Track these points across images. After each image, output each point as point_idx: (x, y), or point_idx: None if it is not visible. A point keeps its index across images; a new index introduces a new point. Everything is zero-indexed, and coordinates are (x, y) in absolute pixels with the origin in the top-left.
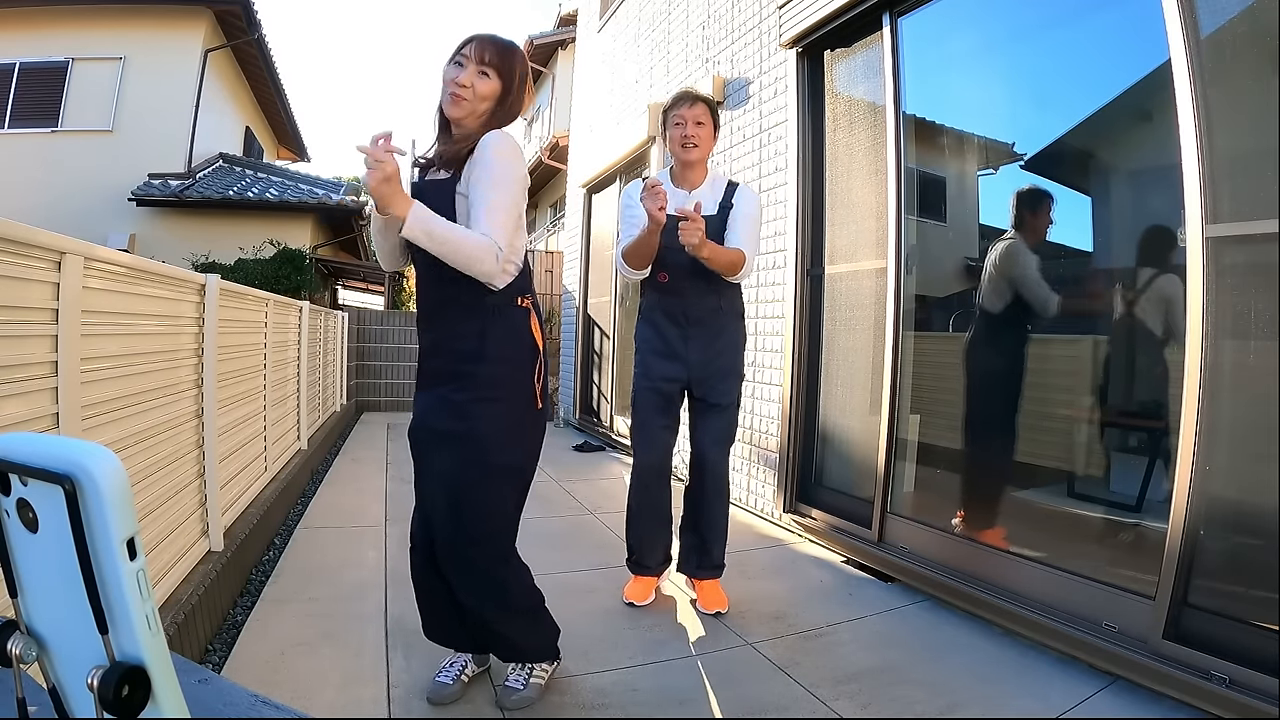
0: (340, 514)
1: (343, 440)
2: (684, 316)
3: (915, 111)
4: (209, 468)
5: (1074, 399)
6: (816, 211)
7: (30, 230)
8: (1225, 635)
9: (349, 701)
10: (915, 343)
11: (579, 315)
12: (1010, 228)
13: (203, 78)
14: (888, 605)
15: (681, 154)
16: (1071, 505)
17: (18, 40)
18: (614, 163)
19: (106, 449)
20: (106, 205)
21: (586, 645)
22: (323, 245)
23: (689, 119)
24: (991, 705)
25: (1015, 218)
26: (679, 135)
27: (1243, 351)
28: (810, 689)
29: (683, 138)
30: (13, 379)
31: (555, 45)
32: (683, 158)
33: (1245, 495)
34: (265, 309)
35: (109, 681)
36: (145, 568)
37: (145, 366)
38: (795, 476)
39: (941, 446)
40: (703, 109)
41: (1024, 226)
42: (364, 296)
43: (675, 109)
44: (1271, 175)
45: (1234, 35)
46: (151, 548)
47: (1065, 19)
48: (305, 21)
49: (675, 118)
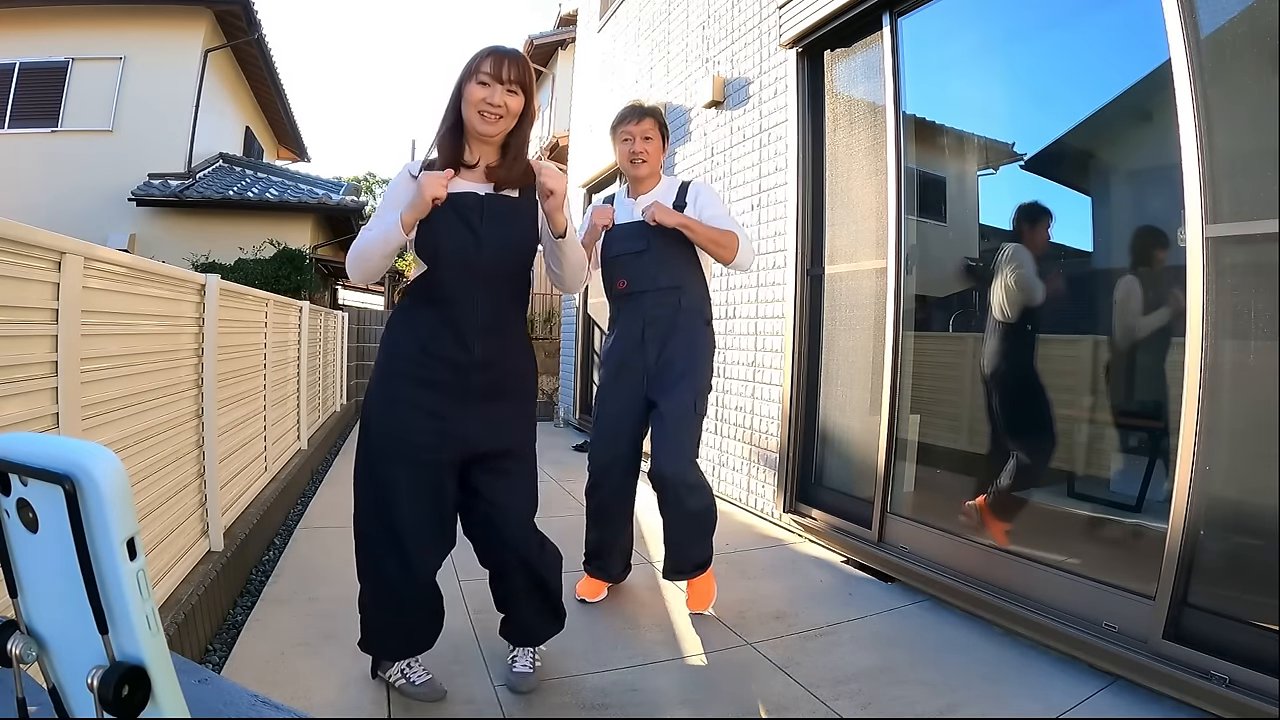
0: (340, 514)
1: (343, 440)
2: (642, 319)
3: (915, 111)
4: (209, 468)
5: (1074, 399)
6: (816, 211)
7: (30, 230)
8: (1225, 635)
9: (349, 701)
10: (915, 342)
11: (579, 315)
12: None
13: (203, 78)
14: (888, 605)
15: (630, 169)
16: (1071, 505)
17: (18, 40)
18: (614, 163)
19: (106, 449)
20: (106, 205)
21: (586, 645)
22: (323, 245)
23: (636, 134)
24: (991, 705)
25: (1014, 232)
26: (627, 151)
27: (1243, 351)
28: (810, 689)
29: (630, 154)
30: (13, 379)
31: (555, 45)
32: (631, 173)
33: (1245, 495)
34: (265, 309)
35: (109, 681)
36: (145, 568)
37: (145, 366)
38: (795, 476)
39: (941, 446)
40: (650, 123)
41: (1022, 239)
42: (364, 296)
43: (623, 125)
44: (1271, 175)
45: (1234, 35)
46: (151, 548)
47: (1065, 19)
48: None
49: (623, 133)
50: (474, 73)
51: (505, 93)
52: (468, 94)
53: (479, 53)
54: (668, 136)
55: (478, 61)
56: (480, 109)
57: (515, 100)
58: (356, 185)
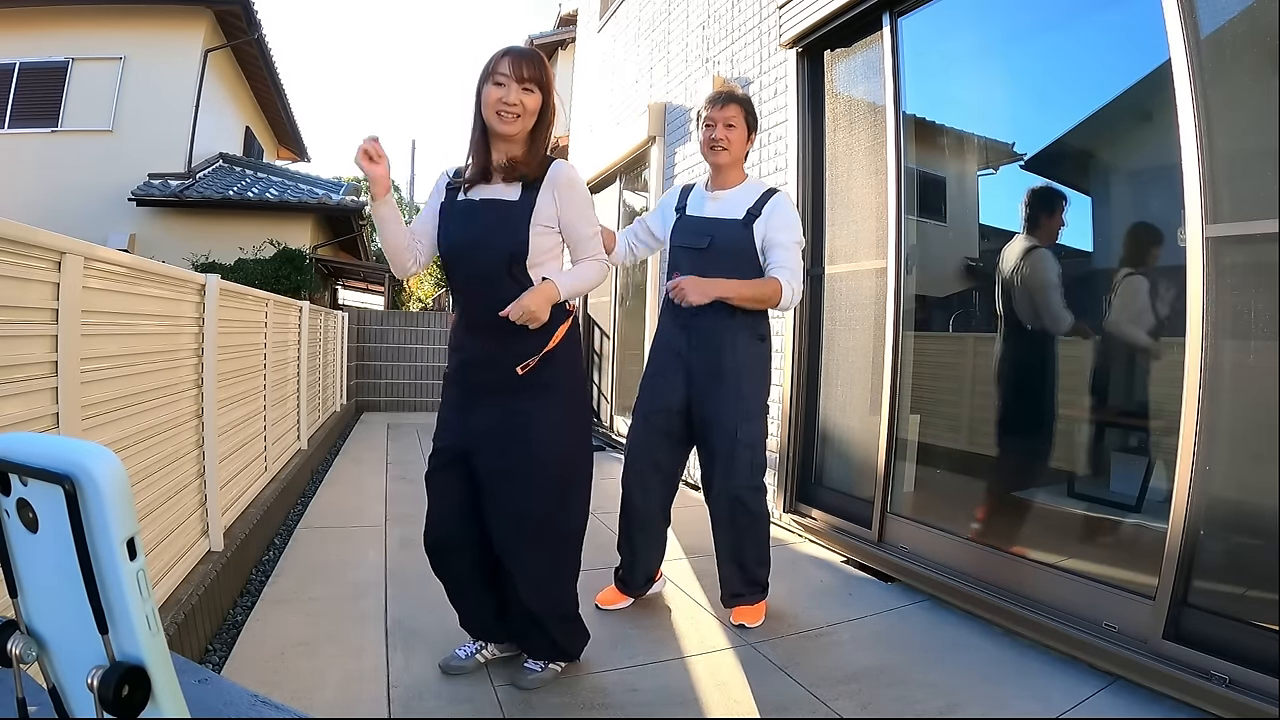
0: (340, 514)
1: (343, 440)
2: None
3: (915, 111)
4: (209, 468)
5: (1074, 398)
6: (816, 211)
7: (30, 230)
8: (1225, 635)
9: (349, 701)
10: (915, 342)
11: (579, 315)
12: (1023, 229)
13: (203, 78)
14: (888, 605)
15: (710, 156)
16: (1071, 505)
17: (18, 40)
18: (614, 163)
19: (106, 449)
20: (106, 205)
21: (587, 645)
22: (323, 245)
23: (719, 120)
24: (991, 705)
25: (1029, 218)
26: (708, 137)
27: (1243, 351)
28: (810, 689)
29: (710, 140)
30: (13, 379)
31: (555, 45)
32: (711, 160)
33: (1245, 495)
34: (265, 309)
35: (109, 681)
36: (145, 568)
37: (145, 366)
38: (795, 476)
39: (941, 446)
40: (735, 110)
41: (1039, 228)
42: (364, 296)
43: (707, 109)
44: (1271, 175)
45: (1234, 35)
46: (151, 548)
47: (1065, 19)
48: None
49: (706, 119)
50: (490, 75)
51: (521, 91)
52: (485, 96)
53: (494, 54)
54: (755, 128)
55: (493, 63)
56: (498, 109)
57: (532, 98)
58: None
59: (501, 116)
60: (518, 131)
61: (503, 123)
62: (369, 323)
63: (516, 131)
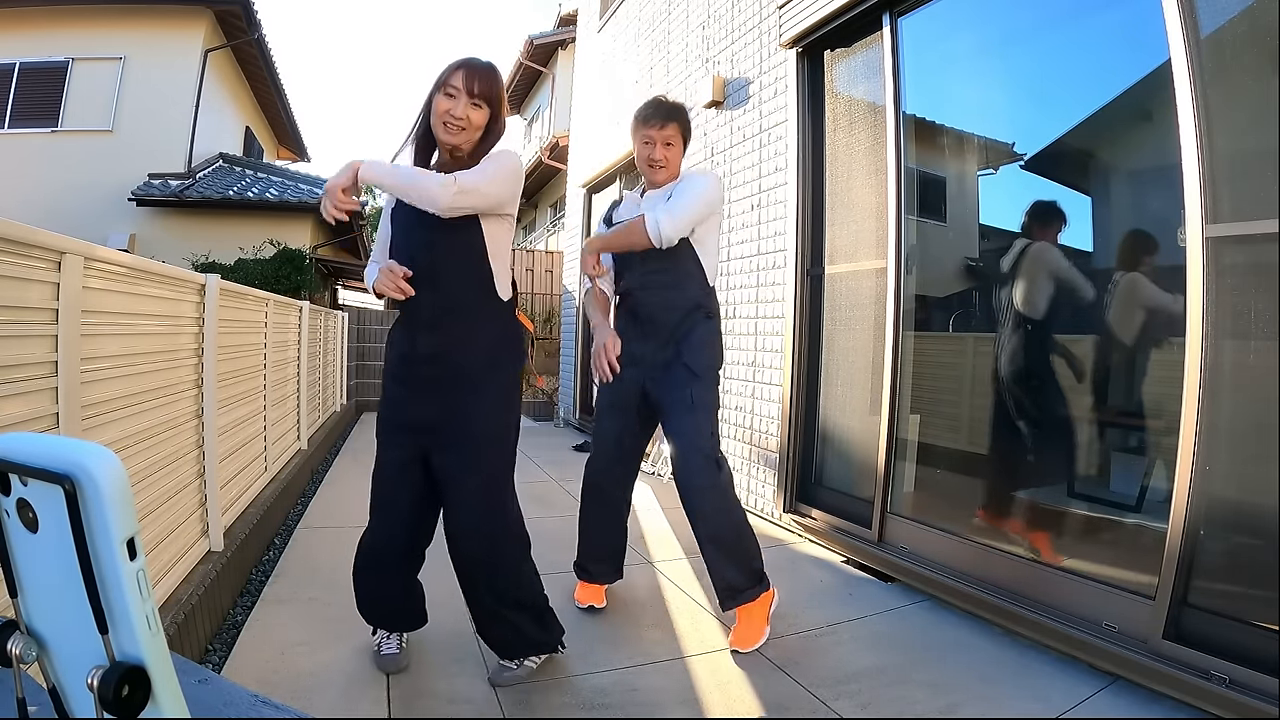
0: (340, 514)
1: (343, 440)
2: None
3: (915, 111)
4: (209, 468)
5: (1074, 398)
6: (816, 211)
7: (30, 230)
8: (1225, 635)
9: (349, 701)
10: (915, 342)
11: (579, 315)
12: (1023, 235)
13: (203, 78)
14: (888, 605)
15: (648, 173)
16: (1071, 505)
17: (18, 40)
18: (614, 163)
19: (106, 449)
20: (106, 205)
21: (586, 645)
22: (323, 245)
23: (658, 140)
24: (991, 705)
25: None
26: (646, 155)
27: (1243, 351)
28: (810, 689)
29: (649, 159)
30: (13, 379)
31: (555, 45)
32: (649, 177)
33: (1245, 495)
34: (265, 309)
35: (109, 681)
36: (145, 568)
37: (145, 366)
38: (795, 476)
39: (941, 446)
40: (674, 130)
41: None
42: (364, 296)
43: (646, 127)
44: (1271, 175)
45: (1234, 35)
46: (151, 548)
47: (1065, 19)
48: (305, 21)
49: (644, 135)
50: (443, 85)
51: (469, 105)
52: (435, 105)
53: (450, 65)
54: (689, 137)
55: (447, 74)
56: (444, 120)
57: (479, 114)
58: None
59: (447, 128)
60: (460, 144)
61: (448, 133)
62: (369, 323)
63: (459, 144)
